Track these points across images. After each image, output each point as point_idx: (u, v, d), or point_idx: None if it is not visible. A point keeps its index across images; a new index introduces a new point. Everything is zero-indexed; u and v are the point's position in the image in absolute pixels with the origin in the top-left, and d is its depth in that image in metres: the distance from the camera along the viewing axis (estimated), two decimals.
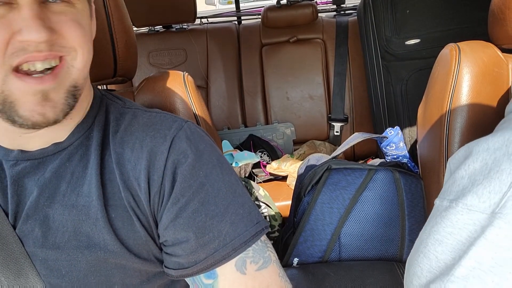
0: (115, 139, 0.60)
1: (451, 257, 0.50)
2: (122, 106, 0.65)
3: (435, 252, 0.52)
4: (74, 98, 0.54)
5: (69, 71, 0.52)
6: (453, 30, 1.71)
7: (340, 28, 2.07)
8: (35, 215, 0.56)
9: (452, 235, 0.51)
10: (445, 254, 0.51)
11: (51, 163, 0.58)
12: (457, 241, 0.50)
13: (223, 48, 2.12)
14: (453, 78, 0.81)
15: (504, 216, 0.47)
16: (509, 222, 0.47)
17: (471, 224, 0.49)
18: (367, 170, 1.11)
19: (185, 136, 0.60)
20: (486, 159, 0.51)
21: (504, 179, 0.48)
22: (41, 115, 0.50)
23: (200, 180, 0.57)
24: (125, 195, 0.57)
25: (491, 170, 0.50)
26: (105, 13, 0.75)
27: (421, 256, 0.54)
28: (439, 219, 0.53)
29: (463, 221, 0.50)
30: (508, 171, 0.48)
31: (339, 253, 1.09)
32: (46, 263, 0.56)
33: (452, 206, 0.52)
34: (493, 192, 0.48)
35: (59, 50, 0.50)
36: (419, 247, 0.55)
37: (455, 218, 0.51)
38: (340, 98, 2.04)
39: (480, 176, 0.51)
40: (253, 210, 0.60)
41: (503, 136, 0.52)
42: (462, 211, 0.50)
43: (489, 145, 0.52)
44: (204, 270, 0.56)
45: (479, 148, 0.53)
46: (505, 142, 0.51)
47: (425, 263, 0.52)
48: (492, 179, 0.49)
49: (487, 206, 0.48)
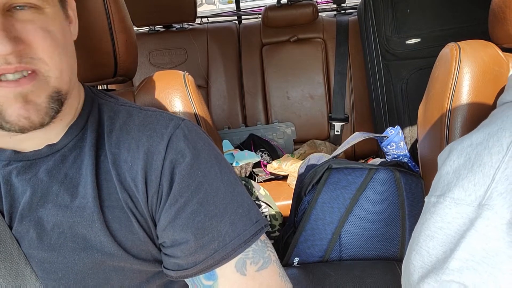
0: (111, 139, 0.59)
1: (442, 251, 0.51)
2: (116, 104, 0.64)
3: (426, 248, 0.53)
4: (59, 102, 0.53)
5: (46, 80, 0.51)
6: (454, 29, 1.71)
7: (341, 27, 2.07)
8: (29, 216, 0.55)
9: (442, 229, 0.52)
10: (436, 249, 0.52)
11: (44, 164, 0.57)
12: (447, 235, 0.51)
13: (223, 47, 2.12)
14: (453, 77, 0.81)
15: (491, 207, 0.48)
16: (496, 212, 0.48)
17: (459, 217, 0.50)
18: (368, 169, 1.11)
19: (182, 135, 0.59)
20: (470, 154, 0.53)
21: (487, 172, 0.50)
22: (26, 119, 0.50)
23: (198, 179, 0.57)
24: (122, 196, 0.56)
25: (474, 164, 0.51)
26: (106, 12, 0.75)
27: (413, 253, 0.54)
28: (429, 215, 0.54)
29: (452, 215, 0.51)
30: (490, 164, 0.50)
31: (340, 252, 1.09)
32: (43, 265, 0.55)
33: (440, 201, 0.53)
34: (478, 184, 0.50)
35: (28, 62, 0.49)
36: (412, 245, 0.56)
37: (443, 213, 0.52)
38: (341, 98, 2.04)
39: (464, 171, 0.52)
40: (252, 208, 0.60)
41: (484, 131, 0.54)
42: (450, 205, 0.52)
43: (472, 141, 0.54)
44: (203, 271, 0.56)
45: (464, 144, 0.55)
46: (486, 136, 0.53)
47: (417, 259, 0.53)
48: (475, 172, 0.51)
49: (473, 198, 0.50)
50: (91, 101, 0.63)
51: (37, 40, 0.49)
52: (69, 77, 0.55)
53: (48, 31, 0.50)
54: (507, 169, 0.49)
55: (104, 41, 0.75)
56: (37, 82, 0.50)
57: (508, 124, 0.52)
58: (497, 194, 0.48)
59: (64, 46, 0.53)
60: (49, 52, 0.50)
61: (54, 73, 0.51)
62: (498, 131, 0.52)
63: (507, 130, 0.51)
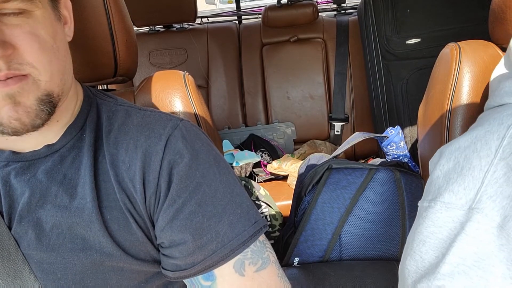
0: (109, 139, 0.59)
1: (435, 256, 0.51)
2: (114, 104, 0.64)
3: (419, 252, 0.53)
4: (51, 104, 0.52)
5: (36, 83, 0.51)
6: (454, 29, 1.71)
7: (341, 27, 2.07)
8: (28, 217, 0.55)
9: (434, 234, 0.52)
10: (428, 253, 0.52)
11: (42, 165, 0.57)
12: (438, 239, 0.51)
13: (223, 47, 2.12)
14: (453, 77, 0.81)
15: (481, 210, 0.48)
16: (486, 216, 0.48)
17: (450, 221, 0.50)
18: (368, 169, 1.11)
19: (180, 135, 0.59)
20: (458, 158, 0.53)
21: (476, 175, 0.50)
22: (17, 120, 0.50)
23: (196, 180, 0.56)
24: (120, 197, 0.56)
25: (463, 168, 0.52)
26: (106, 12, 0.75)
27: (408, 258, 0.55)
28: (421, 220, 0.54)
29: (443, 219, 0.51)
30: (479, 167, 0.50)
31: (340, 252, 1.09)
32: (42, 265, 0.55)
33: (431, 206, 0.53)
34: (468, 188, 0.50)
35: (17, 68, 0.49)
36: (406, 250, 0.56)
37: (435, 217, 0.52)
38: (341, 98, 2.04)
39: (454, 174, 0.52)
40: (251, 209, 0.59)
41: (471, 134, 0.54)
42: (440, 210, 0.52)
43: (460, 144, 0.54)
44: (202, 271, 0.56)
45: (452, 148, 0.55)
46: (473, 139, 0.53)
47: (412, 264, 0.53)
48: (465, 176, 0.51)
49: (463, 202, 0.50)
50: (89, 101, 0.62)
51: (25, 45, 0.49)
52: (60, 79, 0.54)
53: (36, 35, 0.50)
54: (496, 172, 0.49)
55: (104, 41, 0.75)
56: (25, 84, 0.50)
57: (495, 126, 0.52)
58: (487, 197, 0.48)
59: (54, 49, 0.52)
60: (38, 56, 0.50)
61: (44, 77, 0.51)
62: (486, 134, 0.52)
63: (494, 133, 0.52)
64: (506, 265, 0.47)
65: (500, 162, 0.49)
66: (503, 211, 0.47)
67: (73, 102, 0.60)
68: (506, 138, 0.50)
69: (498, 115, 0.54)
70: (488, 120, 0.54)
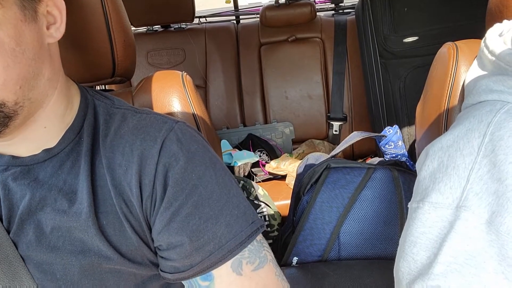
0: (105, 143, 0.59)
1: (426, 256, 0.51)
2: (111, 106, 0.63)
3: (411, 254, 0.53)
4: (4, 115, 0.48)
5: None
6: (451, 27, 1.72)
7: (339, 27, 2.07)
8: (29, 219, 0.55)
9: (424, 234, 0.52)
10: (420, 254, 0.52)
11: (42, 170, 0.57)
12: (429, 240, 0.51)
13: (221, 47, 2.12)
14: (451, 76, 0.81)
15: (468, 208, 0.49)
16: (473, 213, 0.48)
17: (439, 221, 0.51)
18: (366, 168, 1.11)
19: (175, 138, 0.58)
20: (442, 157, 0.54)
21: (461, 174, 0.51)
22: None
23: (192, 182, 0.56)
24: (117, 201, 0.56)
25: (448, 167, 0.52)
26: (103, 13, 0.75)
27: (401, 261, 0.55)
28: (411, 222, 0.55)
29: (432, 219, 0.52)
30: (464, 165, 0.51)
31: (339, 251, 1.09)
32: (41, 266, 0.55)
33: (420, 207, 0.54)
34: (454, 187, 0.51)
35: None
36: (399, 252, 0.56)
37: (424, 218, 0.53)
38: (339, 97, 2.05)
39: (439, 174, 0.53)
40: (248, 209, 0.60)
41: (452, 133, 0.54)
42: (429, 210, 0.52)
43: (442, 144, 0.55)
44: (200, 273, 0.56)
45: (435, 148, 0.55)
46: (455, 138, 0.53)
47: (405, 266, 0.54)
48: (450, 175, 0.51)
49: (450, 201, 0.50)
50: (86, 103, 0.62)
51: None
52: (20, 85, 0.49)
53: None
54: (480, 170, 0.49)
55: (102, 41, 0.75)
56: None
57: (475, 124, 0.53)
58: (473, 194, 0.49)
59: (15, 52, 0.47)
60: None
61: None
62: (467, 132, 0.52)
63: (475, 130, 0.52)
64: (497, 260, 0.47)
65: (484, 160, 0.50)
66: (490, 208, 0.48)
67: (62, 105, 0.58)
68: (487, 136, 0.51)
69: (477, 112, 0.55)
70: (468, 118, 0.55)
